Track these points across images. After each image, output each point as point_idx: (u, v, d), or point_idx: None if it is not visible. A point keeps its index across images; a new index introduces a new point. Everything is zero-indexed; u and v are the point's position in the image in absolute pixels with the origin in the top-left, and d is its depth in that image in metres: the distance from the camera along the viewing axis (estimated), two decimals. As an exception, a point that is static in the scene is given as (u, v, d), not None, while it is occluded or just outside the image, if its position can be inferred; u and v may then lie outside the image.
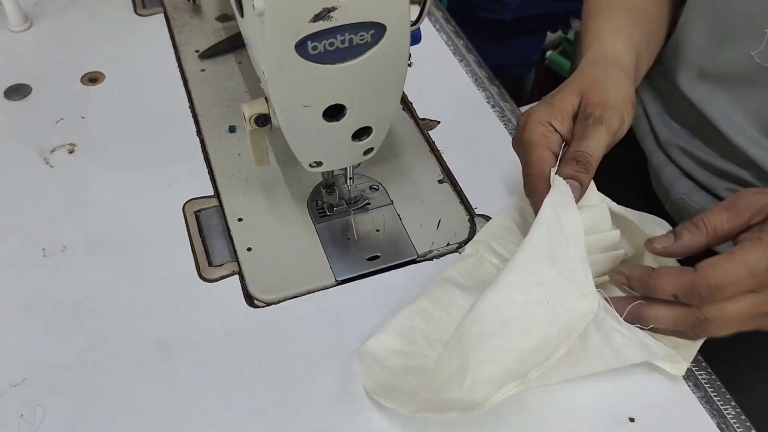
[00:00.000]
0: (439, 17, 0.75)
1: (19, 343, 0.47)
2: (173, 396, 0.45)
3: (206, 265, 0.52)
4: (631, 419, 0.45)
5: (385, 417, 0.44)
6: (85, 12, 0.71)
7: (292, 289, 0.50)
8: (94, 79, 0.65)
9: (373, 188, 0.57)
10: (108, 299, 0.49)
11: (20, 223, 0.53)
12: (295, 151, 0.47)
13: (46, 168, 0.57)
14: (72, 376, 0.45)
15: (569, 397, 0.46)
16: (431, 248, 0.53)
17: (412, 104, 0.64)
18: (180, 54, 0.68)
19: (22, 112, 0.61)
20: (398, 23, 0.41)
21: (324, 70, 0.41)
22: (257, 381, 0.46)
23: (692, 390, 0.47)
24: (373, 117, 0.46)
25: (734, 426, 0.45)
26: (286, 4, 0.37)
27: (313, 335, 0.48)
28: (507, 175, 0.59)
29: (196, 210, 0.55)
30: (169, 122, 0.61)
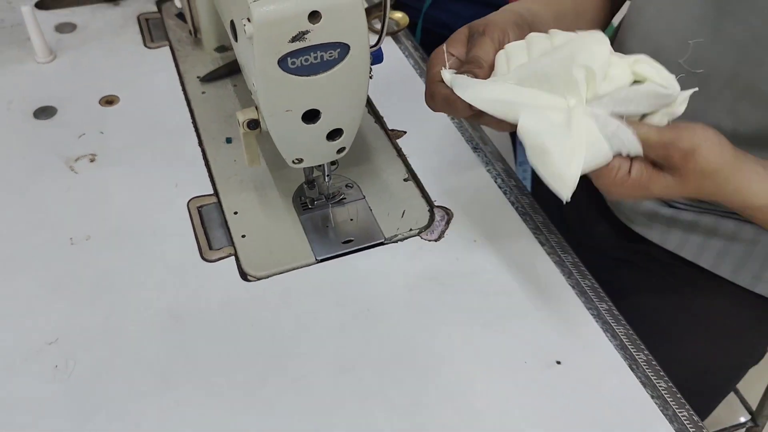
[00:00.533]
0: (408, 45, 0.86)
1: (53, 312, 0.57)
2: (182, 352, 0.54)
3: (207, 249, 0.62)
4: (558, 362, 0.55)
5: (356, 364, 0.53)
6: (101, 46, 0.83)
7: (280, 267, 0.60)
8: (110, 101, 0.75)
9: (348, 186, 0.68)
10: (126, 277, 0.59)
11: (51, 218, 0.63)
12: (280, 149, 0.57)
13: (72, 174, 0.67)
14: (97, 337, 0.55)
15: (504, 345, 0.55)
16: (396, 233, 0.64)
17: (383, 118, 0.75)
18: (183, 79, 0.79)
19: (49, 129, 0.72)
20: (360, 43, 0.52)
21: (301, 81, 0.52)
22: (251, 340, 0.55)
23: (610, 340, 0.57)
24: (343, 120, 0.56)
25: (643, 367, 0.55)
26: (270, 28, 0.48)
27: (296, 303, 0.58)
28: (461, 174, 0.69)
29: (198, 206, 0.65)
30: (175, 135, 0.72)
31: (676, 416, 0.53)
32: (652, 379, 0.55)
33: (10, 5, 0.87)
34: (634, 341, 0.57)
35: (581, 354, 0.56)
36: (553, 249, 0.64)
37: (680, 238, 0.77)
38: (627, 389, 0.54)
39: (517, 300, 0.59)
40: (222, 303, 0.58)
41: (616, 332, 0.57)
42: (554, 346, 0.56)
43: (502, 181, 0.69)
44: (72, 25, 0.85)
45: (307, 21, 0.48)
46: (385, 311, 0.58)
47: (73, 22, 0.86)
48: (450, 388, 0.53)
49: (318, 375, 0.53)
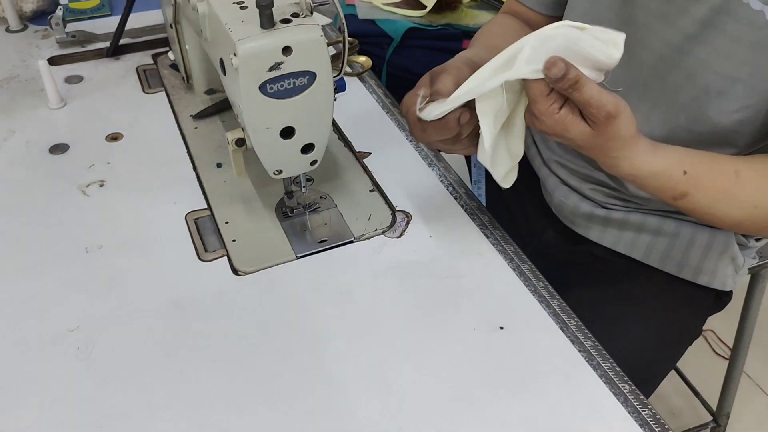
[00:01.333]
0: (371, 84, 0.99)
1: (73, 305, 0.67)
2: (184, 332, 0.64)
3: (203, 251, 0.72)
4: (501, 327, 0.66)
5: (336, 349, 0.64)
6: (105, 93, 0.95)
7: (265, 263, 0.71)
8: (115, 138, 0.87)
9: (322, 197, 0.79)
10: (134, 275, 0.70)
11: (68, 232, 0.74)
12: (263, 161, 0.69)
13: (84, 197, 0.79)
14: (112, 323, 0.65)
15: (456, 316, 0.66)
16: (364, 233, 0.75)
17: (351, 142, 0.88)
18: (178, 117, 0.91)
19: (63, 162, 0.83)
20: (324, 72, 0.64)
21: (279, 103, 0.64)
22: (242, 321, 0.66)
23: (544, 309, 0.68)
24: (314, 136, 0.68)
25: (572, 329, 0.66)
26: (252, 60, 0.60)
27: (280, 291, 0.69)
28: (419, 184, 0.81)
29: (195, 218, 0.76)
30: (173, 163, 0.84)
31: (599, 365, 0.63)
32: (579, 338, 0.65)
33: (24, 63, 1.00)
34: (565, 309, 0.68)
35: (520, 321, 0.66)
36: (497, 241, 0.75)
37: (614, 235, 0.89)
38: (559, 348, 0.64)
39: (466, 282, 0.70)
40: (217, 293, 0.68)
41: (550, 303, 0.68)
42: (498, 316, 0.67)
43: (453, 189, 0.81)
44: (79, 77, 0.98)
45: (281, 54, 0.61)
46: (355, 294, 0.68)
47: (80, 75, 0.98)
48: (412, 352, 0.63)
49: (299, 345, 0.63)
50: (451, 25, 1.27)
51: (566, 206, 0.91)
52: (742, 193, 0.68)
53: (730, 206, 0.68)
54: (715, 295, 0.89)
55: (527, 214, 0.98)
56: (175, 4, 0.82)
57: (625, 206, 0.87)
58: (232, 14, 0.64)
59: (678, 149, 0.68)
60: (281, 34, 0.61)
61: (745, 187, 0.68)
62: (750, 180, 0.68)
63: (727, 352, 1.50)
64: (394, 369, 0.62)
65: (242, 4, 0.65)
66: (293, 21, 0.62)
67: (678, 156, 0.67)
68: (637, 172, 0.64)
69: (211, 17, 0.67)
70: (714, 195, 0.68)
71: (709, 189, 0.67)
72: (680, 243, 0.85)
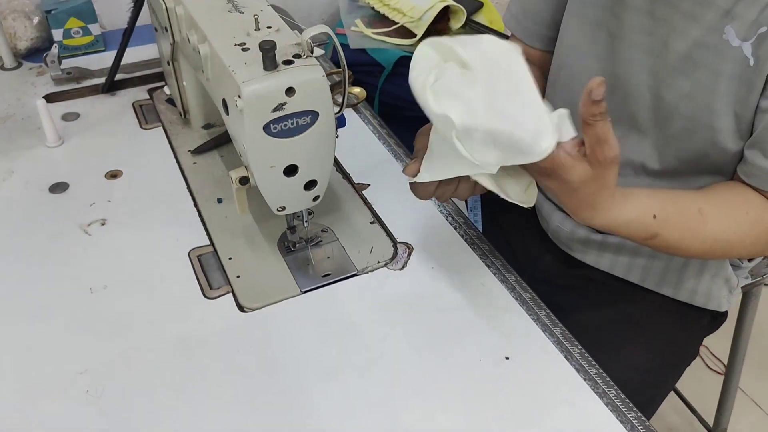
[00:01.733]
0: (367, 114, 1.01)
1: (80, 348, 0.67)
2: (193, 371, 0.65)
3: (208, 288, 0.73)
4: (507, 358, 0.66)
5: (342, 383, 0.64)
6: (102, 130, 0.96)
7: (271, 299, 0.72)
8: (114, 175, 0.88)
9: (324, 230, 0.80)
10: (141, 315, 0.70)
11: (72, 272, 0.74)
12: (266, 199, 0.70)
13: (86, 236, 0.79)
14: (120, 365, 0.65)
15: (461, 348, 0.67)
16: (367, 266, 0.76)
17: (349, 174, 0.89)
18: (176, 153, 0.92)
19: (63, 201, 0.84)
20: (326, 110, 0.66)
21: (282, 142, 0.65)
22: (251, 361, 0.66)
23: (548, 337, 0.69)
24: (317, 172, 0.69)
25: (576, 357, 0.67)
26: (256, 102, 0.62)
27: (286, 327, 0.69)
28: (418, 215, 0.82)
29: (198, 254, 0.77)
30: (174, 199, 0.84)
31: (605, 394, 0.64)
32: (583, 366, 0.66)
33: (19, 101, 1.00)
34: (568, 338, 0.69)
35: (525, 350, 0.67)
36: (498, 270, 0.76)
37: (611, 259, 0.90)
38: (564, 376, 0.65)
39: (470, 313, 0.71)
40: (224, 330, 0.69)
41: (553, 331, 0.69)
42: (503, 346, 0.67)
43: (452, 219, 0.82)
44: (76, 114, 0.98)
45: (284, 95, 0.62)
46: (361, 328, 0.69)
47: (76, 112, 0.99)
48: (420, 386, 0.64)
49: (307, 381, 0.64)
50: (441, 53, 1.29)
51: (563, 232, 0.92)
52: (705, 230, 0.70)
53: (695, 241, 0.70)
54: (711, 316, 0.91)
55: (524, 240, 0.99)
56: (174, 42, 0.83)
57: (620, 231, 0.88)
58: (235, 56, 0.65)
59: (644, 192, 0.68)
60: (284, 75, 0.62)
61: (708, 224, 0.70)
62: (712, 217, 0.70)
63: (721, 368, 1.52)
64: (404, 404, 0.62)
65: (244, 45, 0.66)
66: (295, 62, 0.64)
67: (647, 201, 0.67)
68: (612, 224, 0.64)
69: (213, 58, 0.68)
70: (680, 234, 0.69)
71: (676, 228, 0.68)
72: (675, 265, 0.87)
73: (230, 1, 0.74)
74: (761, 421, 1.49)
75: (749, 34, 0.67)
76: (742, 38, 0.68)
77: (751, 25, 0.67)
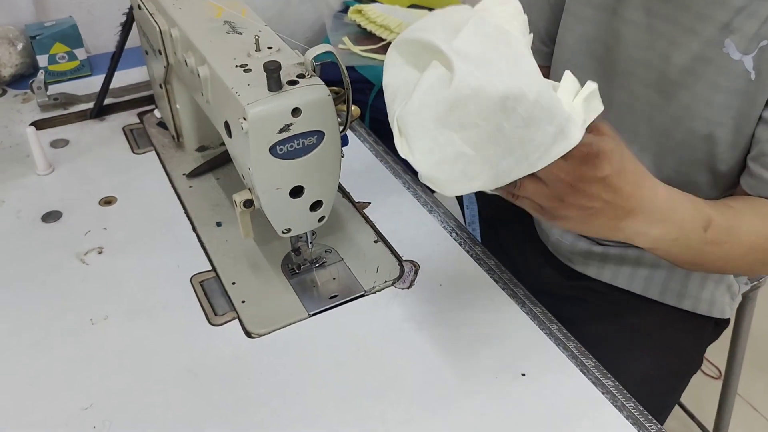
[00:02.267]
0: (362, 132, 1.00)
1: (84, 382, 0.64)
2: (203, 401, 0.63)
3: (213, 315, 0.71)
4: (523, 374, 0.66)
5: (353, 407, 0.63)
6: (93, 156, 0.94)
7: (278, 324, 0.70)
8: (109, 202, 0.85)
9: (328, 251, 0.79)
10: (145, 346, 0.68)
11: (71, 304, 0.72)
12: (272, 221, 0.68)
13: (83, 266, 0.77)
14: (127, 398, 0.63)
15: (476, 366, 0.66)
16: (374, 286, 0.74)
17: (349, 193, 0.88)
18: (171, 177, 0.90)
19: (57, 231, 0.81)
20: (332, 130, 0.65)
21: (288, 164, 0.64)
22: (262, 388, 0.64)
23: (562, 351, 0.68)
24: (322, 193, 0.68)
25: (592, 371, 0.66)
26: (262, 123, 0.60)
27: (296, 352, 0.68)
28: (422, 232, 0.81)
29: (200, 281, 0.75)
30: (171, 224, 0.82)
31: (624, 407, 0.63)
32: (600, 379, 0.66)
33: (6, 129, 0.98)
34: (582, 351, 0.68)
35: (541, 365, 0.67)
36: (507, 285, 0.75)
37: (613, 271, 0.90)
38: (582, 391, 0.65)
39: (481, 329, 0.70)
40: (232, 358, 0.67)
41: (567, 345, 0.69)
42: (518, 362, 0.67)
43: (456, 234, 0.82)
44: (65, 140, 0.96)
45: (290, 115, 0.61)
46: (373, 349, 0.68)
47: (65, 138, 0.97)
48: (438, 407, 0.63)
49: (322, 407, 0.62)
50: (429, 68, 1.29)
51: (563, 245, 0.92)
52: (746, 220, 0.68)
53: (745, 232, 0.67)
54: (714, 323, 0.91)
55: (524, 252, 0.99)
56: (168, 65, 0.82)
57: (621, 243, 0.88)
58: (237, 78, 0.64)
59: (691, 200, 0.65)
60: (290, 96, 0.61)
61: (745, 215, 0.68)
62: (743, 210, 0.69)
63: (717, 373, 1.53)
64: (423, 427, 0.61)
65: (246, 67, 0.65)
66: (300, 82, 0.63)
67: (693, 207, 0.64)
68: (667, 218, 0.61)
69: (213, 81, 0.67)
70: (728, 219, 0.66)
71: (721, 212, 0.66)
72: (678, 274, 0.87)
73: (227, 23, 0.73)
74: (759, 424, 1.50)
75: (750, 48, 0.68)
76: (743, 51, 0.68)
77: (752, 39, 0.67)
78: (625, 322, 0.89)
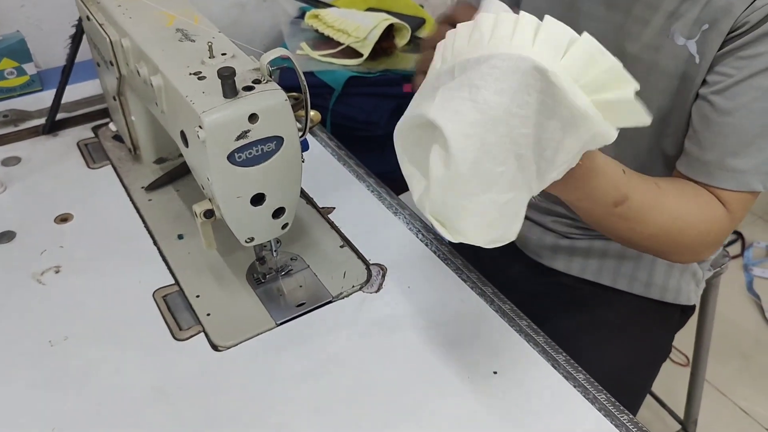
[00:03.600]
0: (323, 137, 0.99)
1: (45, 406, 0.62)
2: (172, 422, 0.61)
3: (177, 330, 0.69)
4: (495, 372, 0.65)
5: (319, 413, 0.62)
6: (47, 172, 0.91)
7: (245, 335, 0.69)
8: (65, 219, 0.83)
9: (293, 259, 0.77)
10: (108, 365, 0.66)
11: (28, 325, 0.69)
12: (234, 231, 0.67)
13: (40, 286, 0.74)
14: (91, 421, 0.61)
15: (447, 367, 0.65)
16: (341, 291, 0.73)
17: (313, 198, 0.86)
18: (129, 191, 0.88)
19: (11, 251, 0.79)
20: (291, 135, 0.64)
21: (247, 171, 0.62)
22: (231, 402, 0.63)
23: (533, 347, 0.68)
24: (284, 200, 0.67)
25: (563, 365, 0.66)
26: (219, 131, 0.59)
27: (265, 363, 0.66)
28: (388, 234, 0.81)
29: (163, 295, 0.73)
30: (131, 240, 0.80)
31: (596, 399, 0.64)
32: (571, 373, 0.66)
33: (-47, 148, 0.95)
34: (552, 346, 0.68)
35: (512, 363, 0.66)
36: (475, 284, 0.75)
37: (580, 264, 0.91)
38: (554, 386, 0.65)
39: (452, 329, 0.70)
40: (199, 373, 0.65)
41: (537, 341, 0.69)
42: (489, 361, 0.66)
43: (423, 235, 0.81)
44: (16, 158, 0.93)
45: (247, 122, 0.60)
46: (343, 356, 0.67)
47: (17, 156, 0.94)
48: (411, 411, 0.62)
49: (294, 418, 0.61)
50: (389, 71, 1.28)
51: (530, 240, 0.93)
52: (666, 202, 0.68)
53: (656, 213, 0.67)
54: (681, 311, 0.92)
55: (491, 250, 0.98)
56: (120, 76, 0.80)
57: (587, 234, 0.89)
58: (191, 85, 0.63)
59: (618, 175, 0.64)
60: (246, 102, 0.60)
61: (668, 197, 0.68)
62: (668, 192, 0.68)
63: (684, 360, 1.55)
64: (396, 428, 0.60)
65: (200, 74, 0.64)
66: (256, 87, 0.62)
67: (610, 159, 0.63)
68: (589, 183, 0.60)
69: (168, 90, 0.66)
70: (644, 200, 0.66)
71: (639, 192, 0.65)
72: (644, 264, 0.88)
73: (179, 30, 0.71)
74: (728, 409, 1.53)
75: (693, 32, 0.69)
76: (687, 36, 0.69)
77: (694, 24, 0.69)
78: (594, 315, 0.90)
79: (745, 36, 0.66)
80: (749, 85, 0.66)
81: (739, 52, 0.67)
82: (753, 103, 0.67)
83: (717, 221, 0.70)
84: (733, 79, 0.67)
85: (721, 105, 0.68)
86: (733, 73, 0.67)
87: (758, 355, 1.64)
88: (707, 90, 0.69)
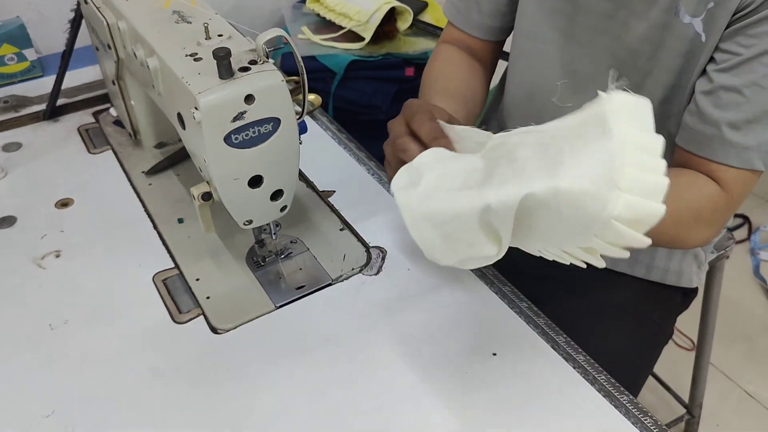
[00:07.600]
0: (324, 120, 0.99)
1: (45, 389, 0.62)
2: (170, 401, 0.61)
3: (177, 313, 0.69)
4: (494, 354, 0.65)
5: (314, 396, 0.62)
6: (48, 158, 0.91)
7: (245, 317, 0.69)
8: (65, 204, 0.83)
9: (293, 242, 0.77)
10: (108, 348, 0.66)
11: (28, 309, 0.70)
12: (232, 213, 0.67)
13: (41, 270, 0.74)
14: (90, 403, 0.61)
15: (448, 348, 0.65)
16: (341, 274, 0.73)
17: (313, 182, 0.86)
18: (130, 176, 0.88)
19: (12, 236, 0.79)
20: (288, 116, 0.63)
21: (245, 153, 0.62)
22: (231, 384, 0.63)
23: (533, 329, 0.68)
24: (282, 182, 0.67)
25: (563, 346, 0.66)
26: (215, 112, 0.59)
27: (264, 345, 0.66)
28: (388, 217, 0.80)
29: (163, 279, 0.73)
30: (131, 224, 0.80)
31: (596, 380, 0.63)
32: (571, 354, 0.65)
33: (-46, 134, 0.95)
34: (552, 327, 0.68)
35: (511, 344, 0.66)
36: (475, 266, 0.75)
37: (581, 246, 0.90)
38: (554, 367, 0.64)
39: (452, 311, 0.69)
40: (198, 356, 0.65)
41: (537, 323, 0.68)
42: (489, 342, 0.66)
43: (423, 218, 0.81)
44: (17, 144, 0.93)
45: (243, 103, 0.59)
46: (343, 339, 0.67)
47: (17, 142, 0.94)
48: (410, 392, 0.62)
49: (294, 400, 0.61)
50: (391, 54, 1.28)
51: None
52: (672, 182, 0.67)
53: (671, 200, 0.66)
54: (683, 293, 0.92)
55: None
56: (118, 60, 0.79)
57: (589, 216, 0.88)
58: (187, 67, 0.62)
59: None
60: (242, 82, 0.60)
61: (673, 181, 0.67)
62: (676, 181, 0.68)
63: (689, 344, 1.55)
64: (395, 411, 0.60)
65: (196, 55, 0.63)
66: (252, 68, 0.61)
67: None
68: None
69: (164, 72, 0.65)
70: None
71: None
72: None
73: (176, 12, 0.71)
74: (734, 393, 1.52)
75: (699, 10, 0.68)
76: (692, 14, 0.69)
77: (700, 1, 0.68)
78: (595, 297, 0.90)
79: (753, 15, 0.65)
80: (759, 62, 0.66)
81: (747, 30, 0.66)
82: (762, 80, 0.66)
83: (710, 199, 0.69)
84: (742, 57, 0.67)
85: (728, 82, 0.68)
86: (742, 51, 0.67)
87: (764, 339, 1.63)
88: (714, 67, 0.69)
